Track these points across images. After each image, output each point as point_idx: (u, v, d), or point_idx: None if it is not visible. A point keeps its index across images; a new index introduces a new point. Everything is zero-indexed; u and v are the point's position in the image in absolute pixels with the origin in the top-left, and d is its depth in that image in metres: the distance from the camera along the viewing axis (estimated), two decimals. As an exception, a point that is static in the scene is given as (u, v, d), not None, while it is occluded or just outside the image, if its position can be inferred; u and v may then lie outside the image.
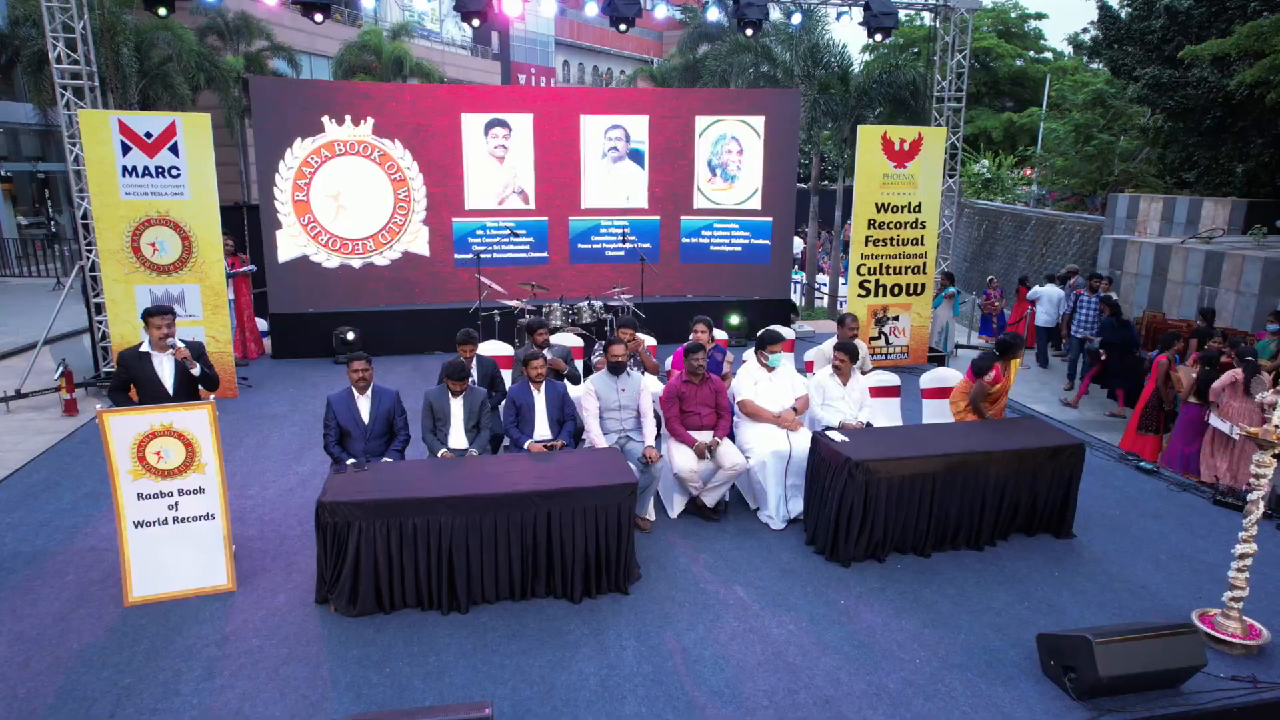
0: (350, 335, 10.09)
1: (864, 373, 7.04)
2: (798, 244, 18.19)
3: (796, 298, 14.28)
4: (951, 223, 11.35)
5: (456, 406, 5.66)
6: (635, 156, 11.24)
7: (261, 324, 10.74)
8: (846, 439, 5.48)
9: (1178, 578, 5.22)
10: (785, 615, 4.72)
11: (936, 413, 6.88)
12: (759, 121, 11.02)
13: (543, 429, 5.80)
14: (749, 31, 10.82)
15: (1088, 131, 19.62)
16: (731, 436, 6.15)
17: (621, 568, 4.91)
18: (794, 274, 17.88)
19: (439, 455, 5.49)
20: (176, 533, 4.76)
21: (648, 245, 11.47)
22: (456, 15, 10.19)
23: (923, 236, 9.82)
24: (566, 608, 4.76)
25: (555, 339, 7.68)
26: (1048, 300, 11.79)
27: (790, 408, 6.05)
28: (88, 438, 7.66)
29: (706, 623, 4.64)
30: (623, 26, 10.50)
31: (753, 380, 6.15)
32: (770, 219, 11.31)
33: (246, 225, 11.38)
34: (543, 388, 5.84)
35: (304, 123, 9.99)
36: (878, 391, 6.73)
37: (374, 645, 4.37)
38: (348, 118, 10.17)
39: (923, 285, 9.97)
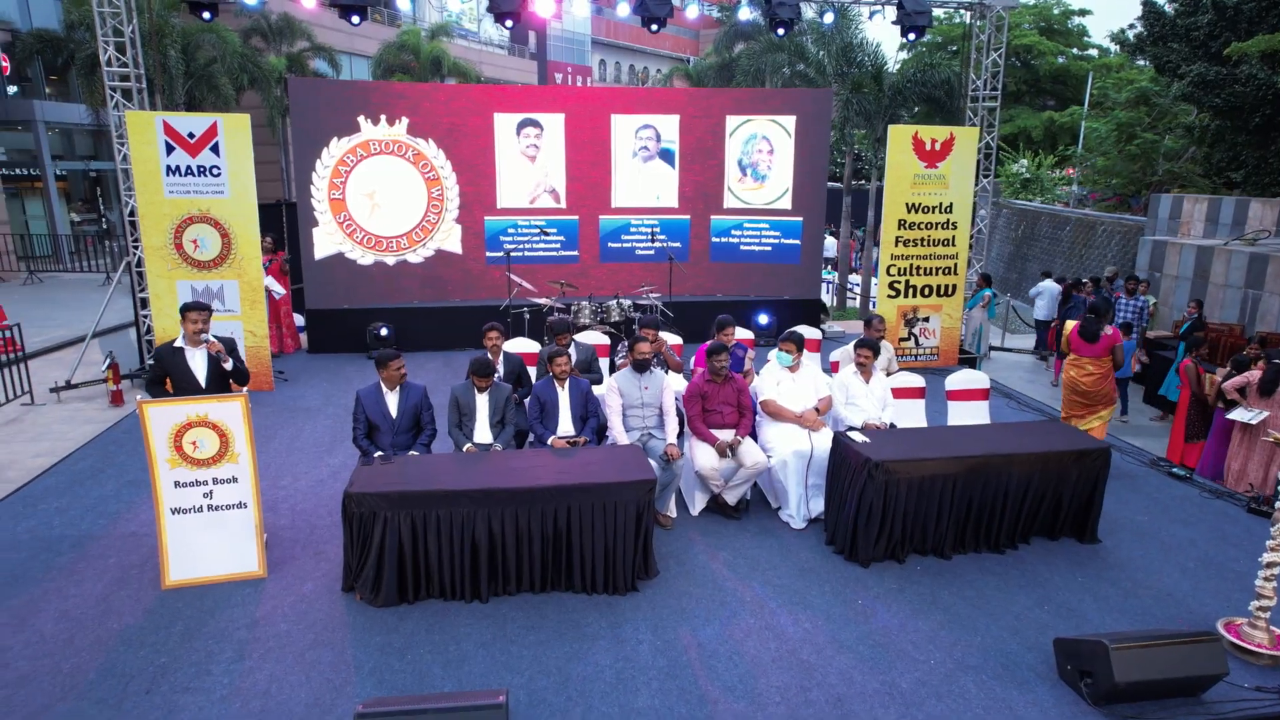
0: (384, 331, 10.29)
1: (889, 374, 7.04)
2: (830, 244, 18.06)
3: (828, 298, 14.21)
4: (986, 223, 11.23)
5: (482, 402, 5.77)
6: (666, 156, 11.29)
7: (299, 319, 10.98)
8: (867, 439, 5.49)
9: (1205, 585, 5.15)
10: (802, 613, 4.75)
11: (962, 414, 6.83)
12: (790, 121, 11.01)
13: (566, 425, 5.89)
14: (780, 31, 10.83)
15: (1130, 130, 19.22)
16: (754, 436, 6.19)
17: (641, 563, 4.97)
18: (825, 274, 17.82)
19: (464, 449, 5.61)
20: (211, 520, 4.93)
21: (678, 245, 11.53)
22: (492, 15, 10.32)
23: (954, 237, 9.74)
24: (585, 601, 4.84)
25: (581, 337, 7.78)
26: (1047, 295, 12.00)
27: (812, 408, 6.07)
28: (131, 427, 7.93)
29: (723, 619, 4.68)
30: (654, 26, 10.60)
31: (775, 380, 6.17)
32: (800, 219, 11.29)
33: (286, 223, 11.64)
34: (566, 384, 5.93)
35: (340, 122, 10.21)
36: (902, 392, 6.70)
37: (396, 633, 4.49)
38: (383, 117, 10.37)
39: (954, 286, 9.88)
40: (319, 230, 10.39)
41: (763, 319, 10.90)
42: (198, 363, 5.27)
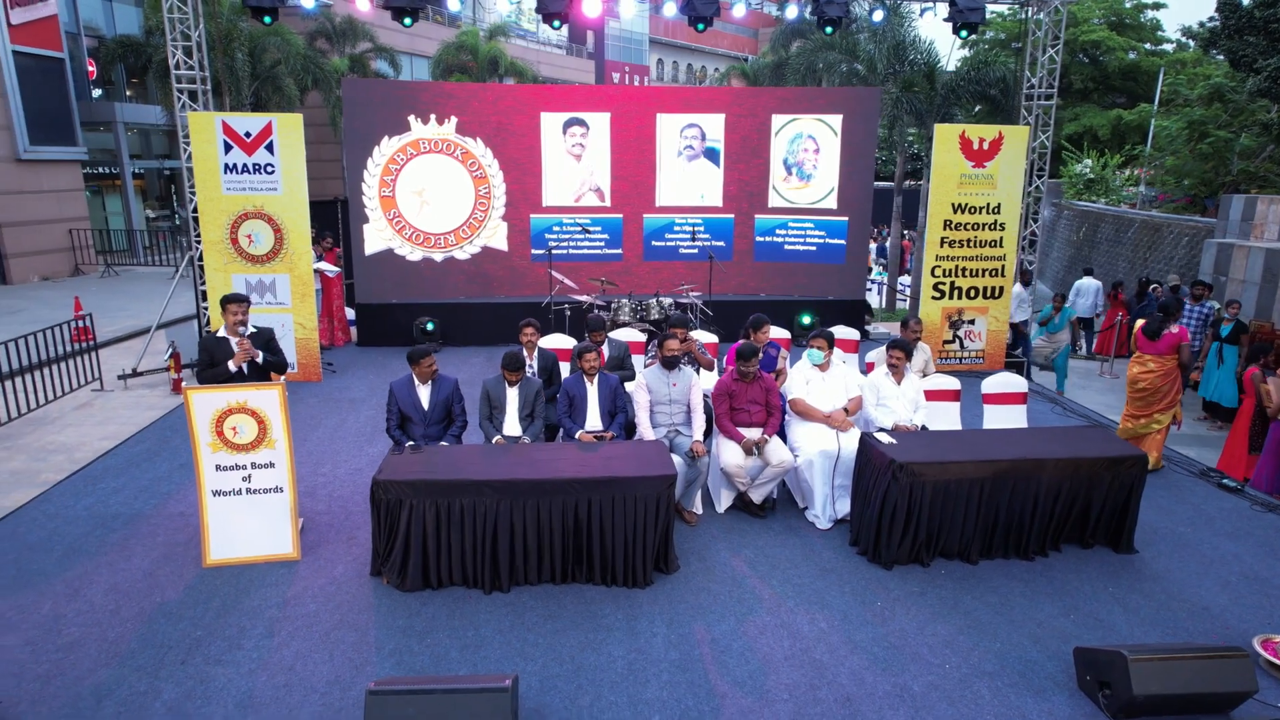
0: (429, 326, 10.54)
1: (924, 376, 6.95)
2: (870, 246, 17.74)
3: (877, 299, 14.02)
4: (1044, 225, 10.95)
5: (512, 395, 5.90)
6: (710, 155, 11.30)
7: (350, 314, 11.31)
8: (893, 441, 5.44)
9: (1245, 600, 4.96)
10: (819, 613, 4.74)
11: (998, 418, 6.71)
12: (836, 120, 10.90)
13: (594, 420, 5.98)
14: (829, 29, 10.74)
15: (1203, 128, 18.43)
16: (784, 435, 6.19)
17: (660, 557, 5.03)
18: (878, 275, 17.58)
19: (493, 441, 5.75)
20: (249, 503, 5.16)
21: (721, 244, 11.53)
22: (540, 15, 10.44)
23: (1001, 239, 9.52)
24: (604, 593, 4.91)
25: (617, 334, 7.86)
26: (1088, 293, 11.94)
27: (841, 408, 6.03)
28: (173, 423, 8.30)
29: (738, 615, 4.71)
30: (700, 26, 10.60)
31: (804, 379, 6.16)
32: (846, 219, 11.18)
33: (341, 219, 12.01)
34: (595, 380, 6.02)
35: (391, 121, 10.49)
36: (937, 395, 6.61)
37: (419, 617, 4.64)
38: (432, 117, 10.62)
39: (1001, 289, 9.67)
40: (369, 227, 10.69)
41: (805, 319, 10.84)
42: (237, 349, 5.50)
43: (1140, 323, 7.06)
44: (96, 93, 23.46)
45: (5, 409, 8.88)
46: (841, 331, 8.23)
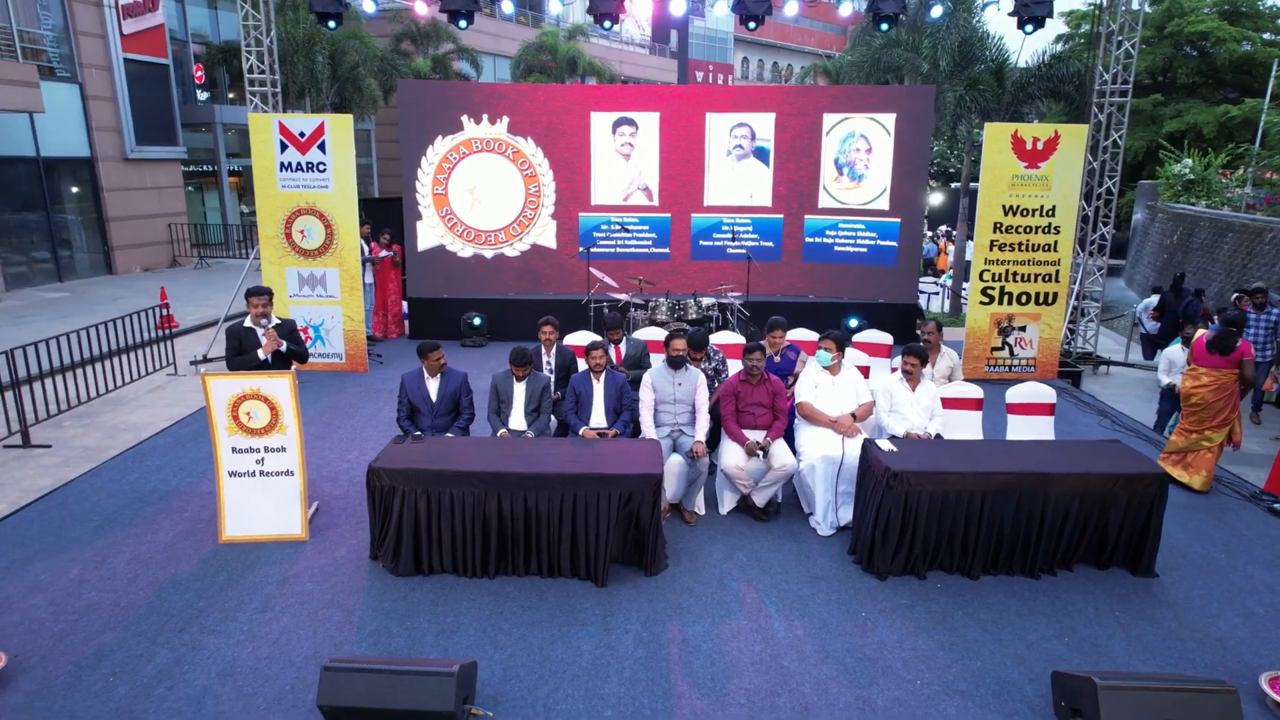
0: (477, 321, 10.82)
1: (951, 381, 6.73)
2: (929, 249, 17.10)
3: (940, 303, 13.59)
4: (1133, 228, 10.43)
5: (519, 390, 6.03)
6: (760, 154, 11.20)
7: (404, 306, 11.71)
8: (894, 448, 5.31)
9: (1266, 635, 4.63)
10: (798, 620, 4.68)
11: (1022, 429, 6.43)
12: (890, 119, 10.63)
13: (599, 417, 6.05)
14: (884, 25, 10.50)
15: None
16: (792, 438, 6.11)
17: (646, 556, 5.06)
18: (947, 279, 16.99)
19: (498, 434, 5.89)
20: (262, 484, 5.45)
21: (770, 244, 11.42)
22: (634, 16, 10.51)
23: (1056, 242, 9.10)
24: (587, 588, 4.97)
25: (642, 334, 7.90)
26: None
27: (848, 413, 5.92)
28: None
29: (716, 617, 4.69)
30: (752, 24, 10.53)
31: (813, 383, 6.06)
32: (898, 220, 10.89)
33: (402, 216, 12.43)
34: (602, 378, 6.08)
35: (445, 121, 10.82)
36: (957, 403, 6.39)
37: (404, 600, 4.81)
38: (485, 116, 10.89)
39: (1054, 294, 9.24)
40: (422, 223, 11.06)
41: (853, 322, 10.62)
42: (263, 339, 5.81)
43: (1201, 333, 6.66)
44: (203, 96, 24.94)
45: (88, 389, 9.61)
46: (873, 336, 8.05)
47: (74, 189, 17.87)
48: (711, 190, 11.35)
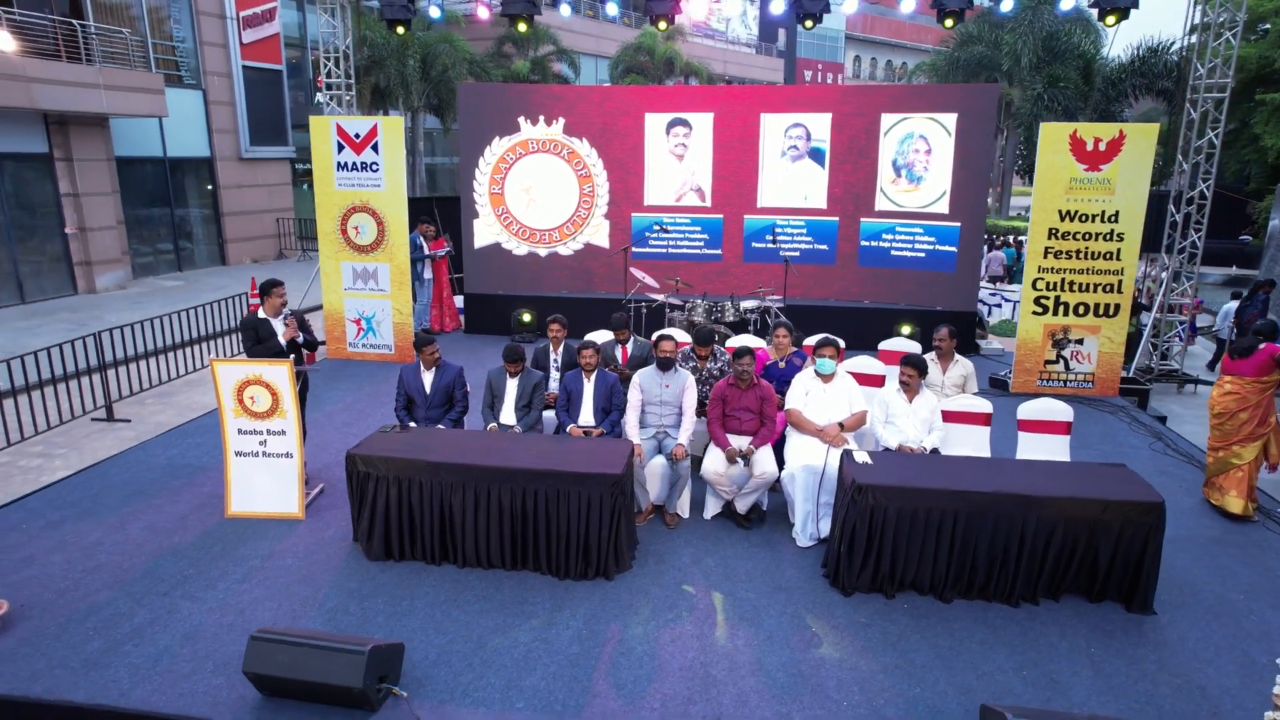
0: (526, 317, 11.09)
1: (963, 392, 6.42)
2: (997, 256, 16.02)
3: (1009, 311, 12.87)
4: (1270, 234, 9.63)
5: (511, 386, 6.18)
6: (815, 155, 10.96)
7: (459, 301, 12.14)
8: (868, 460, 5.13)
9: (1259, 686, 4.20)
10: (744, 630, 4.61)
11: (1034, 448, 6.06)
12: (950, 119, 10.17)
13: (587, 416, 6.12)
14: (949, 22, 10.09)
15: None
16: (783, 445, 6.00)
17: (606, 555, 5.09)
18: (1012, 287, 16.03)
19: (487, 428, 6.06)
20: (264, 465, 5.83)
21: (824, 247, 11.16)
22: (744, 16, 10.57)
23: (1119, 250, 8.48)
24: (546, 583, 5.06)
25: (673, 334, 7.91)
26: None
27: (835, 422, 5.75)
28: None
29: (661, 620, 4.68)
30: (809, 24, 10.35)
31: (804, 390, 5.92)
32: (958, 224, 10.41)
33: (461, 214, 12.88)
34: (593, 377, 6.15)
35: (502, 123, 11.14)
36: (962, 417, 6.09)
37: (371, 582, 5.04)
38: (541, 118, 11.14)
39: (1116, 306, 8.61)
40: (479, 222, 11.42)
41: (905, 330, 10.24)
42: (278, 329, 6.20)
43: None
44: (322, 98, 26.56)
45: (170, 370, 10.49)
46: (898, 344, 7.75)
47: (194, 186, 19.43)
48: (765, 192, 11.19)
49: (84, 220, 15.86)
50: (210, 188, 19.62)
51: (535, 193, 11.40)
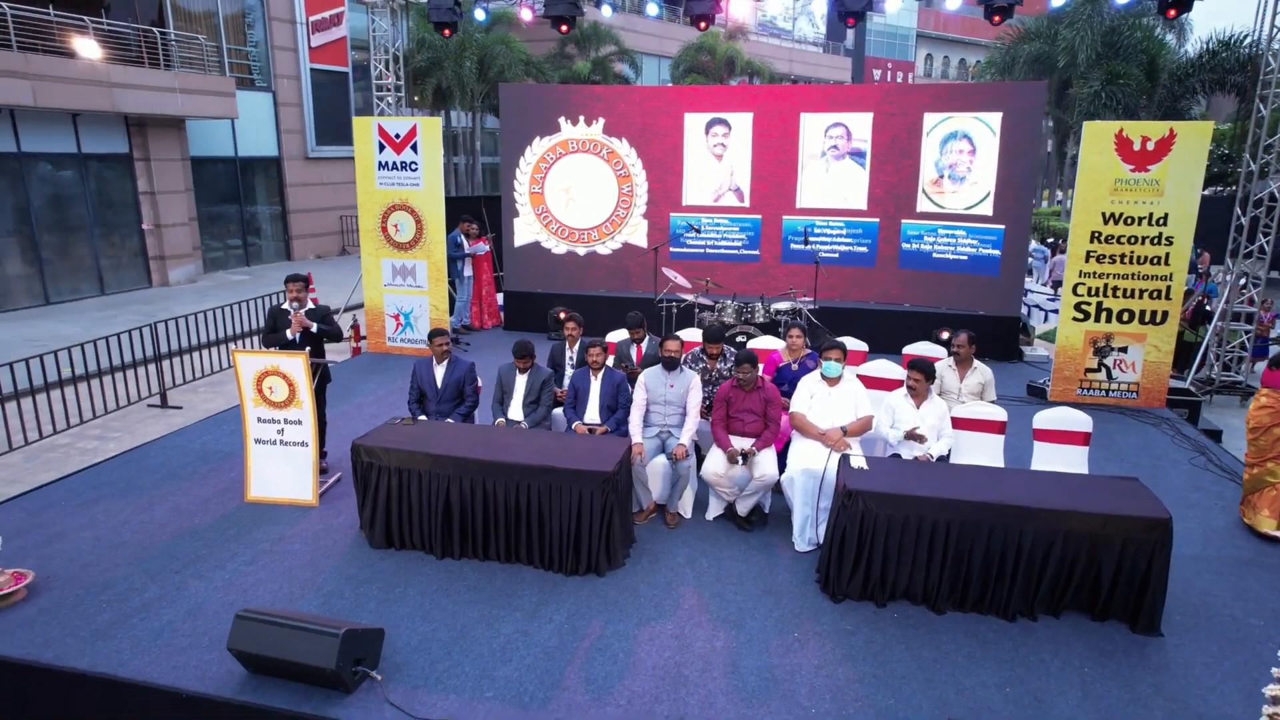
0: (561, 315, 11.20)
1: (980, 399, 6.24)
2: (1063, 260, 15.37)
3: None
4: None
5: (520, 382, 6.28)
6: (856, 155, 10.77)
7: (500, 299, 12.34)
8: (864, 466, 5.04)
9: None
10: (726, 632, 4.59)
11: (1049, 458, 5.84)
12: (995, 119, 9.86)
13: (593, 414, 6.18)
14: (996, 20, 9.81)
15: None
16: (788, 449, 5.94)
17: (597, 551, 5.13)
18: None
19: (495, 423, 6.18)
20: (281, 452, 6.07)
21: (864, 249, 10.96)
22: (809, 14, 10.56)
23: (1167, 255, 8.08)
24: (538, 577, 5.14)
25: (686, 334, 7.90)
26: None
27: (838, 427, 5.66)
28: (337, 374, 9.69)
29: (642, 619, 4.70)
30: (850, 25, 10.19)
31: (809, 394, 5.85)
32: (1003, 227, 10.08)
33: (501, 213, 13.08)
34: (600, 375, 6.20)
35: (543, 123, 11.29)
36: (974, 424, 5.92)
37: (370, 569, 5.20)
38: (581, 118, 11.25)
39: (1164, 313, 8.21)
40: (519, 220, 11.61)
41: (944, 335, 9.97)
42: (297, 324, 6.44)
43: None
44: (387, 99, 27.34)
45: (223, 360, 10.99)
46: (923, 349, 7.56)
47: (263, 185, 20.27)
48: (804, 192, 11.06)
49: (159, 217, 16.73)
50: (278, 186, 20.44)
51: (575, 192, 11.52)
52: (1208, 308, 11.28)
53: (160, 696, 4.03)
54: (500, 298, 12.27)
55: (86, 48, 14.72)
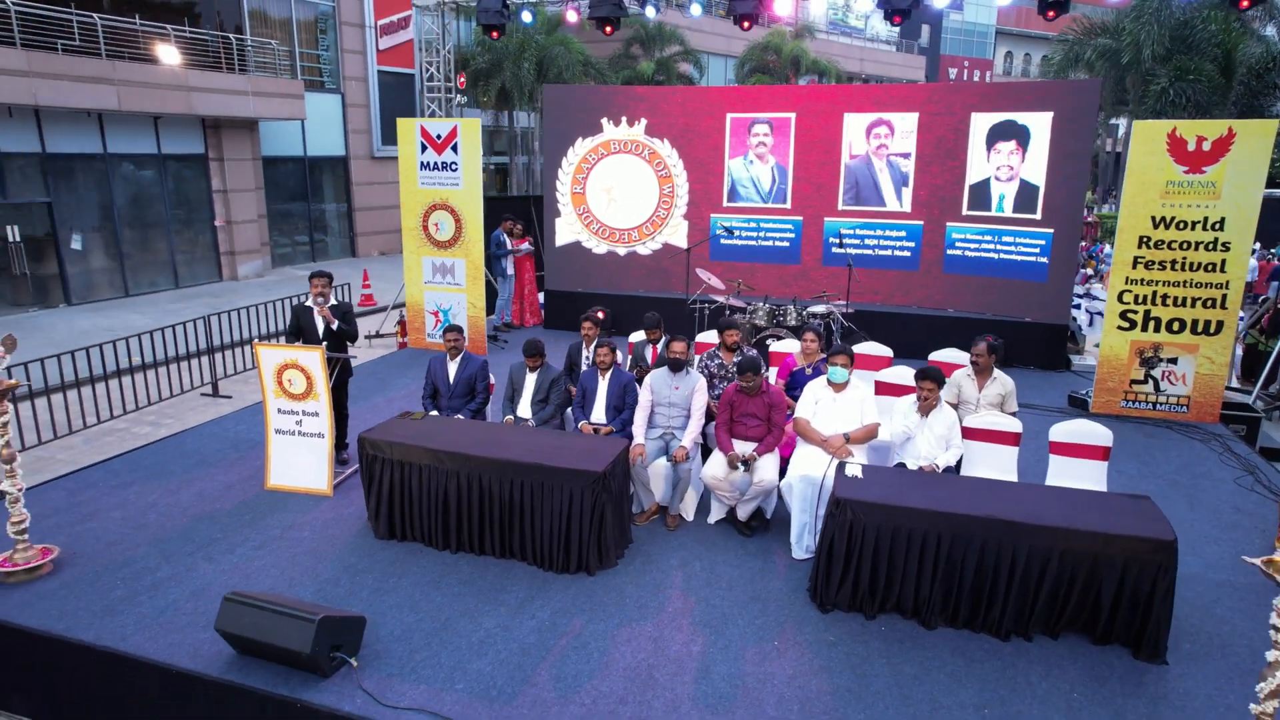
0: (600, 315, 11.26)
1: (1001, 410, 6.02)
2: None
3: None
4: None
5: (530, 380, 6.36)
6: (900, 157, 10.50)
7: (541, 297, 12.49)
8: (859, 475, 4.93)
9: (1261, 755, 3.72)
10: (704, 637, 4.55)
11: (1065, 473, 5.59)
12: (1045, 118, 9.48)
13: (599, 414, 6.21)
14: (1050, 14, 9.44)
15: None
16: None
17: (588, 550, 5.16)
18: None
19: (504, 420, 6.27)
20: (299, 443, 6.29)
21: (907, 253, 10.69)
22: (880, 11, 10.45)
23: (1223, 261, 7.63)
24: (529, 573, 5.20)
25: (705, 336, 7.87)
26: None
27: (841, 434, 5.55)
28: (374, 369, 10.00)
29: (624, 619, 4.71)
30: (895, 20, 9.98)
31: (814, 399, 5.75)
32: (1051, 230, 9.69)
33: (537, 213, 13.23)
34: (608, 375, 6.23)
35: (585, 123, 11.38)
36: (987, 435, 5.70)
37: (368, 558, 5.35)
38: (623, 119, 11.30)
39: (1219, 323, 7.75)
40: (560, 220, 11.73)
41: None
42: (318, 318, 6.67)
43: None
44: (461, 99, 27.97)
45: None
46: (949, 355, 7.32)
47: (330, 183, 21.00)
48: (846, 194, 10.84)
49: (230, 214, 17.52)
50: (344, 184, 21.14)
51: (616, 192, 11.58)
52: (1285, 317, 10.61)
53: (151, 671, 4.24)
54: (541, 296, 12.42)
55: (168, 54, 15.53)
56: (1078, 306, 14.30)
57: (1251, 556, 3.23)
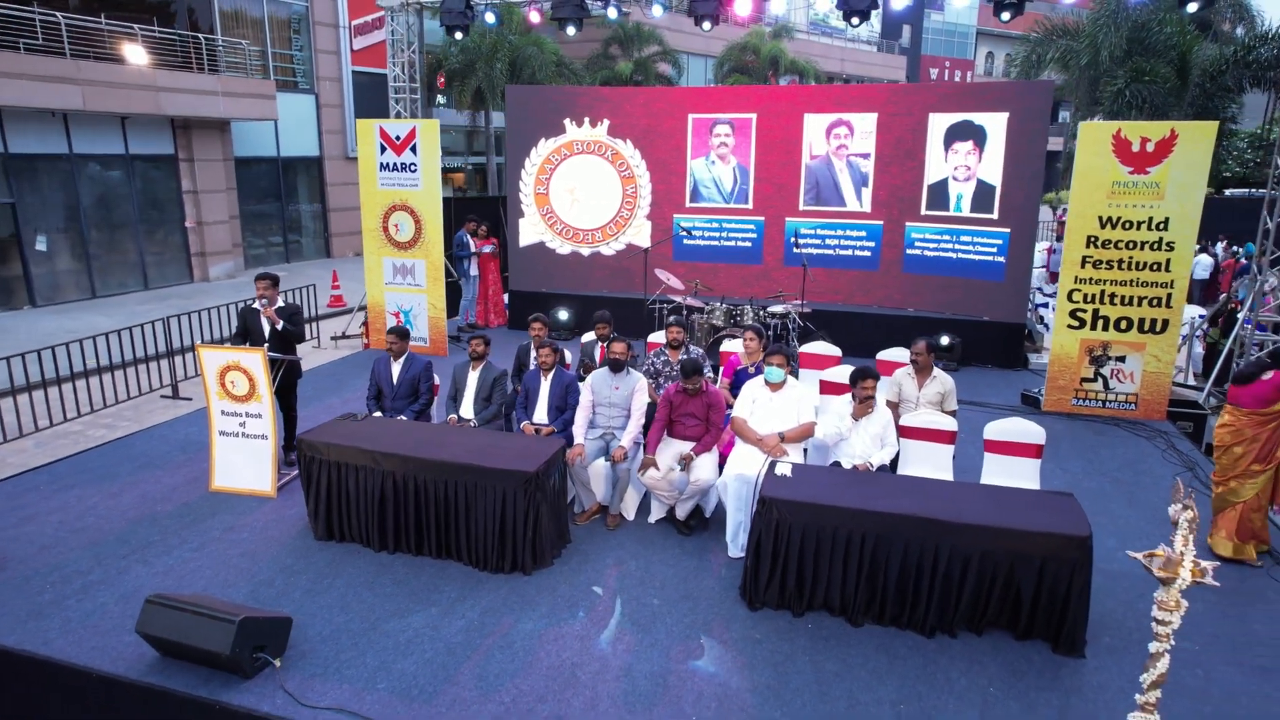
0: (563, 314, 11.30)
1: (941, 409, 6.08)
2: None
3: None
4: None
5: (472, 379, 6.38)
6: (860, 157, 10.56)
7: (506, 298, 12.48)
8: (788, 474, 4.97)
9: (1167, 746, 3.78)
10: (631, 636, 4.58)
11: (999, 471, 5.65)
12: (1001, 119, 9.56)
13: (541, 414, 6.22)
14: (1005, 15, 9.51)
15: None
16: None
17: (522, 550, 5.17)
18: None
19: (447, 420, 6.28)
20: (243, 445, 6.28)
21: (867, 252, 10.75)
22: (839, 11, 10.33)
23: (1168, 260, 7.72)
24: (464, 573, 5.21)
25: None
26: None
27: (776, 433, 5.59)
28: (335, 369, 9.98)
29: (553, 619, 4.73)
30: (854, 20, 10.00)
31: (751, 399, 5.79)
32: (1008, 230, 9.77)
33: (504, 213, 13.19)
34: (550, 375, 6.25)
35: (548, 124, 11.39)
36: (922, 434, 5.76)
37: (304, 559, 5.35)
38: (586, 120, 11.31)
39: (1165, 321, 7.85)
40: (524, 220, 11.73)
41: (944, 340, 9.74)
42: (264, 320, 6.66)
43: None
44: (441, 100, 27.83)
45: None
46: (896, 354, 7.36)
47: (304, 184, 20.91)
48: (807, 194, 10.90)
49: (201, 215, 17.42)
50: (318, 185, 21.06)
51: (579, 193, 11.60)
52: (1239, 314, 10.72)
53: (72, 675, 4.22)
54: (506, 297, 12.41)
55: (135, 54, 15.43)
56: (1046, 305, 14.42)
57: (1135, 552, 3.28)
